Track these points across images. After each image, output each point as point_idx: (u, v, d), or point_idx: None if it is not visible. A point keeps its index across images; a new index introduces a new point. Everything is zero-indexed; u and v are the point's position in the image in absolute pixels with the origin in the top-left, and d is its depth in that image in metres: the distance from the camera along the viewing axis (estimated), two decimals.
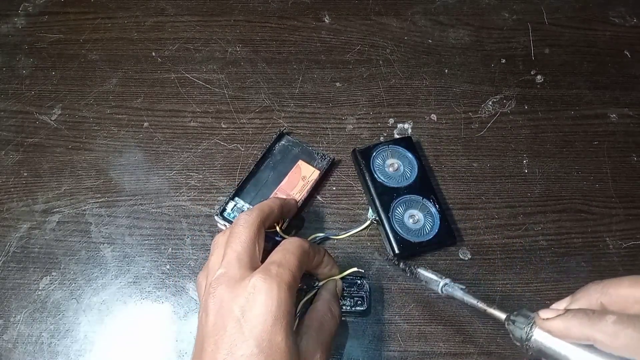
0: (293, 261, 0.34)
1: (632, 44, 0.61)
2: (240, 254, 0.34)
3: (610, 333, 0.28)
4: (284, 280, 0.32)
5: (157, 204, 0.49)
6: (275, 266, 0.33)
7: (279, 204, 0.41)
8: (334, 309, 0.37)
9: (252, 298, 0.31)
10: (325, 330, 0.36)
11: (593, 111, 0.56)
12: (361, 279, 0.43)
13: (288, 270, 0.33)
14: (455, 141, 0.53)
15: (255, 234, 0.36)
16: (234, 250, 0.35)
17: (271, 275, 0.32)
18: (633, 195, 0.50)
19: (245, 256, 0.34)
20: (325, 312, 0.37)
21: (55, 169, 0.51)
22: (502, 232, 0.48)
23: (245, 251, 0.35)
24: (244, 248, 0.35)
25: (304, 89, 0.56)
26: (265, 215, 0.38)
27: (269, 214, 0.39)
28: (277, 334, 0.30)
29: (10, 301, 0.44)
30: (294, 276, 0.33)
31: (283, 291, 0.31)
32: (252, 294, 0.31)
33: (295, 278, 0.33)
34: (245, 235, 0.35)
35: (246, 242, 0.35)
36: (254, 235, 0.36)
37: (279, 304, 0.31)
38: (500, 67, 0.59)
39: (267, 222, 0.39)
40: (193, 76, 0.57)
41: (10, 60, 0.58)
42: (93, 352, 0.42)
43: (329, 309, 0.37)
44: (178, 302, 0.44)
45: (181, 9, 0.63)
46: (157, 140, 0.53)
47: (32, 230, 0.47)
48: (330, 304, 0.38)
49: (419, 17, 0.62)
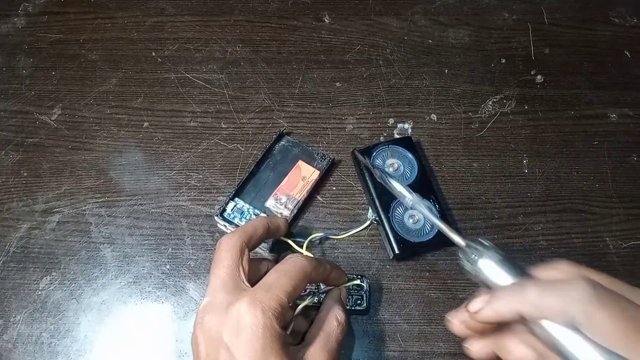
0: (286, 284, 0.33)
1: (632, 44, 0.61)
2: (224, 280, 0.34)
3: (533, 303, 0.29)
4: (268, 306, 0.31)
5: (157, 204, 0.49)
6: (263, 291, 0.32)
7: (265, 222, 0.40)
8: (339, 316, 0.37)
9: (238, 325, 0.31)
10: (332, 339, 0.35)
11: (593, 111, 0.56)
12: (361, 278, 0.43)
13: (276, 296, 0.32)
14: (455, 141, 0.53)
15: (239, 257, 0.35)
16: (217, 277, 0.34)
17: (255, 302, 0.31)
18: (633, 195, 0.50)
19: (230, 281, 0.34)
20: (330, 321, 0.36)
21: (55, 169, 0.51)
22: (502, 232, 0.48)
23: (229, 276, 0.34)
24: (227, 274, 0.34)
25: (304, 89, 0.56)
26: (248, 236, 0.37)
27: (251, 234, 0.38)
28: (270, 355, 0.30)
29: (10, 301, 0.44)
30: (280, 302, 0.32)
31: (267, 318, 0.31)
32: (238, 321, 0.31)
33: (281, 303, 0.32)
34: (227, 260, 0.35)
35: (229, 267, 0.35)
36: (237, 259, 0.35)
37: (265, 329, 0.31)
38: (500, 67, 0.59)
39: (252, 243, 0.38)
40: (193, 76, 0.57)
41: (10, 60, 0.58)
42: (93, 352, 0.42)
43: (334, 317, 0.37)
44: (178, 302, 0.44)
45: (181, 9, 0.63)
46: (157, 140, 0.53)
47: (32, 230, 0.47)
48: (336, 311, 0.37)
49: (419, 17, 0.62)
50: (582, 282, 0.28)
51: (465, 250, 0.34)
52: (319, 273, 0.37)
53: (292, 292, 0.33)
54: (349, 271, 0.45)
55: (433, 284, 0.45)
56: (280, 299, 0.32)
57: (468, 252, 0.34)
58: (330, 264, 0.38)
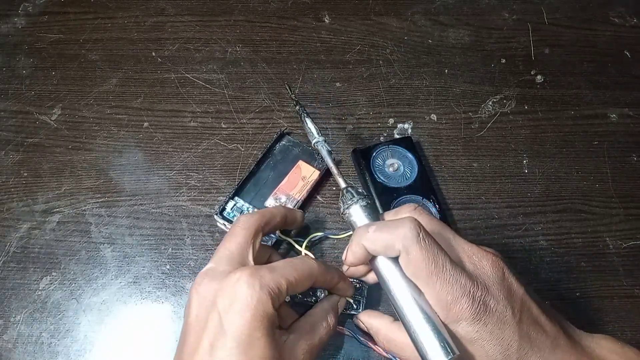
0: (289, 274, 0.33)
1: (632, 44, 0.61)
2: (232, 253, 0.35)
3: (371, 239, 0.34)
4: (267, 284, 0.31)
5: (157, 204, 0.49)
6: (266, 270, 0.32)
7: (283, 212, 0.40)
8: (330, 320, 0.37)
9: (234, 293, 0.31)
10: (316, 336, 0.35)
11: (593, 111, 0.56)
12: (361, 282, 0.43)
13: (278, 278, 0.32)
14: (455, 141, 0.53)
15: (252, 236, 0.36)
16: (226, 249, 0.35)
17: (256, 276, 0.32)
18: (633, 195, 0.50)
19: (238, 255, 0.35)
20: (320, 319, 0.37)
21: (55, 169, 0.51)
22: (502, 232, 0.48)
23: (237, 251, 0.35)
24: (236, 248, 0.35)
25: (304, 89, 0.56)
26: (266, 220, 0.38)
27: (269, 219, 0.38)
28: (257, 330, 0.30)
29: (10, 301, 0.44)
30: (279, 286, 0.32)
31: (264, 293, 0.31)
32: (235, 288, 0.31)
33: (280, 288, 0.32)
34: (240, 236, 0.36)
35: (240, 243, 0.35)
36: (249, 238, 0.36)
37: (259, 302, 0.31)
38: (500, 67, 0.59)
39: (267, 228, 0.38)
40: (193, 76, 0.57)
41: (10, 60, 0.58)
42: (93, 352, 0.42)
43: (325, 317, 0.37)
44: (178, 302, 0.44)
45: (181, 9, 0.63)
46: (157, 140, 0.53)
47: (32, 230, 0.47)
48: (328, 314, 0.37)
49: (419, 17, 0.62)
50: (408, 223, 0.33)
51: (344, 193, 0.40)
52: (325, 279, 0.37)
53: (293, 283, 0.33)
54: None
55: None
56: (280, 283, 0.32)
57: (346, 197, 0.39)
58: (339, 274, 0.39)
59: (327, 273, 0.37)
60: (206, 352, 0.30)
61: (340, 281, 0.38)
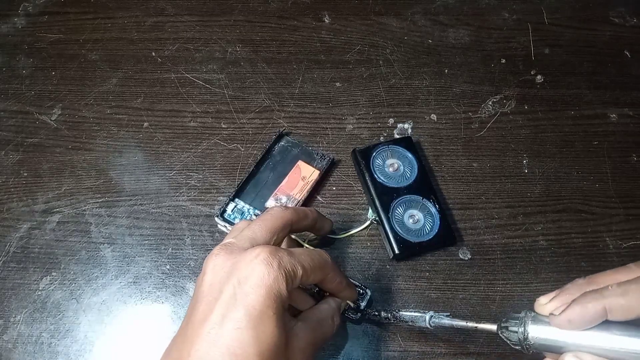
0: (306, 261, 0.33)
1: (632, 44, 0.61)
2: (256, 235, 0.35)
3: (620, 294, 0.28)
4: (285, 265, 0.31)
5: (157, 204, 0.49)
6: (286, 252, 0.32)
7: (316, 216, 0.41)
8: (335, 318, 0.37)
9: (252, 267, 0.31)
10: (321, 331, 0.35)
11: (593, 111, 0.56)
12: (365, 288, 0.43)
13: (295, 263, 0.32)
14: (455, 141, 0.53)
15: (280, 226, 0.36)
16: (252, 230, 0.35)
17: (276, 255, 0.31)
18: (633, 195, 0.50)
19: (261, 239, 0.34)
20: (326, 316, 0.37)
21: (55, 169, 0.51)
22: (502, 232, 0.48)
23: (262, 235, 0.35)
24: (262, 233, 0.35)
25: (304, 89, 0.56)
26: (298, 217, 0.38)
27: (302, 218, 0.39)
28: (269, 307, 0.30)
29: (10, 301, 0.44)
30: (295, 270, 0.32)
31: (281, 273, 0.31)
32: (253, 262, 0.31)
33: (296, 272, 0.32)
34: (270, 223, 0.36)
35: (268, 229, 0.35)
36: (277, 228, 0.36)
37: (275, 281, 0.30)
38: (500, 67, 0.59)
39: (297, 225, 0.38)
40: (193, 76, 0.57)
41: (10, 60, 0.58)
42: (93, 352, 0.42)
43: (331, 315, 0.37)
44: (178, 302, 0.44)
45: (181, 9, 0.63)
46: (157, 140, 0.53)
47: (32, 230, 0.47)
48: (334, 312, 0.38)
49: (419, 17, 0.62)
50: None
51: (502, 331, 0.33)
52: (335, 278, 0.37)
53: (308, 271, 0.33)
54: (349, 271, 0.46)
55: (433, 284, 0.45)
56: (296, 267, 0.32)
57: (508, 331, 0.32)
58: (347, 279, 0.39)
59: (338, 272, 0.37)
60: (217, 321, 0.30)
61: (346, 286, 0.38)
